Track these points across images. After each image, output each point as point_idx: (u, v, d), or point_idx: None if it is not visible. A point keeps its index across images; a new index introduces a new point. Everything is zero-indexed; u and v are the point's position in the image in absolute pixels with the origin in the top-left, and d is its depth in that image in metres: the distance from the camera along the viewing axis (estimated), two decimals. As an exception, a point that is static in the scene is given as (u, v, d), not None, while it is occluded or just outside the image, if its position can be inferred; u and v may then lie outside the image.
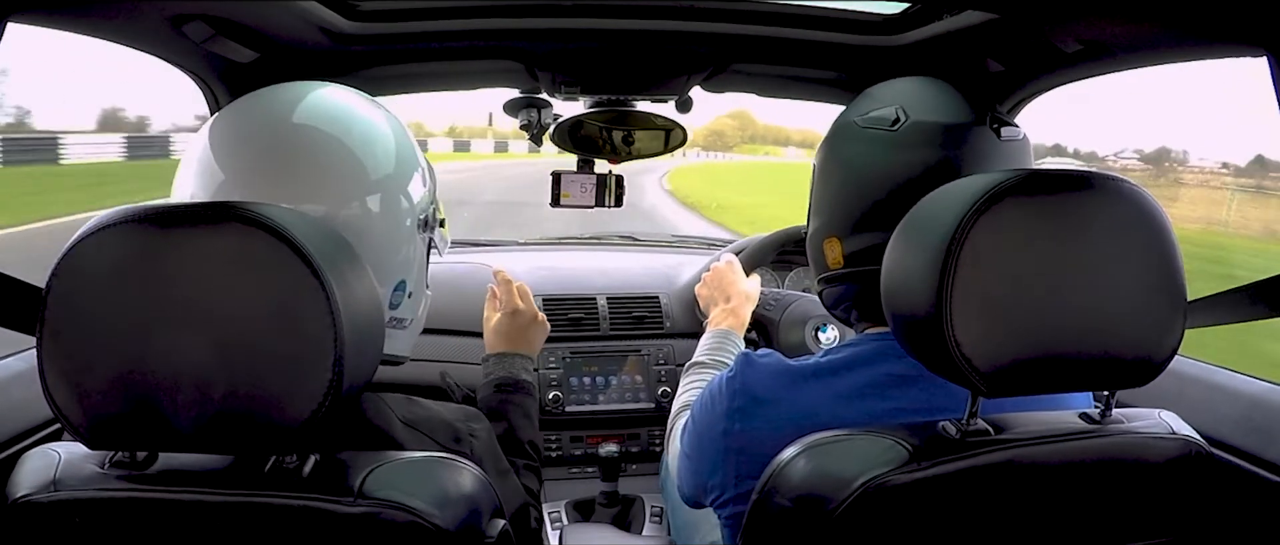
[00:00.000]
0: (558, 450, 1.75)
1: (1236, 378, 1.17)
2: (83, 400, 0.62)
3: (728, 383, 0.88)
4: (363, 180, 0.82)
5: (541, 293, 1.84)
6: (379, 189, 0.83)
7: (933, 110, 0.86)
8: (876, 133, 0.87)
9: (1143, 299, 0.69)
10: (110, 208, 0.64)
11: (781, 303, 1.64)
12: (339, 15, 1.17)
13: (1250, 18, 0.85)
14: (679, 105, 1.40)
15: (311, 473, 0.66)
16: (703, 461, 0.90)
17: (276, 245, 0.60)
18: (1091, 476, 0.75)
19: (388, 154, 0.85)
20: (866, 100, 0.92)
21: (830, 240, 0.91)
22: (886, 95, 0.91)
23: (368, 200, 0.82)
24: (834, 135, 0.93)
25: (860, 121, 0.89)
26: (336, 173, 0.81)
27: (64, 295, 0.61)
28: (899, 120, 0.86)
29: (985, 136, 0.85)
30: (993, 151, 0.84)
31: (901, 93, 0.90)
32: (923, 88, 0.90)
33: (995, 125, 0.85)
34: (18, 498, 0.66)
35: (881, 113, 0.88)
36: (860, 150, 0.88)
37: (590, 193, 1.48)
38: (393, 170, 0.85)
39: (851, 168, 0.89)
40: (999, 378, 0.67)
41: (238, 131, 0.83)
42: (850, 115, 0.92)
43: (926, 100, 0.88)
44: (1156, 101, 60.51)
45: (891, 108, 0.87)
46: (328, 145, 0.81)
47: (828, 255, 0.92)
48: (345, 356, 0.61)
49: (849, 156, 0.90)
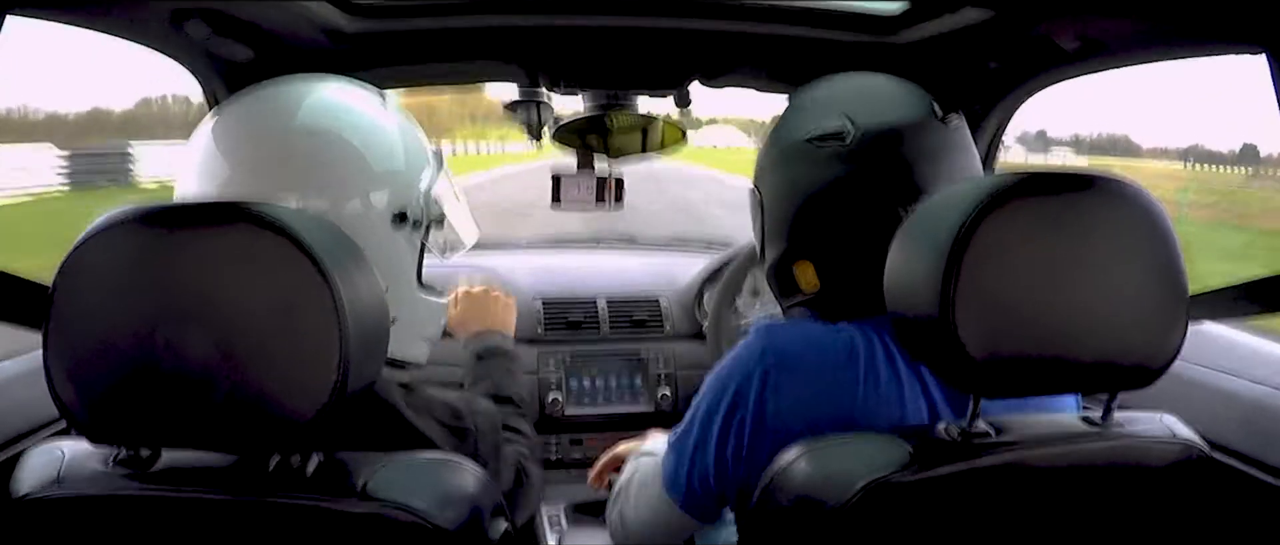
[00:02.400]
0: (557, 453, 1.74)
1: (1238, 381, 1.16)
2: (87, 396, 0.62)
3: (750, 349, 0.82)
4: (366, 175, 0.82)
5: (541, 295, 1.84)
6: (385, 184, 0.83)
7: (879, 112, 0.85)
8: (827, 149, 0.85)
9: (1145, 301, 0.69)
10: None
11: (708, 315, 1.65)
12: (339, 13, 1.18)
13: (1248, 16, 0.85)
14: (678, 103, 1.41)
15: (315, 472, 0.66)
16: (695, 446, 0.85)
17: (283, 244, 0.60)
18: (1092, 480, 0.75)
19: (393, 150, 0.85)
20: (803, 114, 0.90)
21: (801, 265, 0.90)
22: (824, 104, 0.89)
23: (372, 196, 0.82)
24: (782, 158, 0.90)
25: (807, 139, 0.87)
26: (339, 167, 0.81)
27: (70, 292, 0.62)
28: (848, 131, 0.85)
29: (934, 128, 0.85)
30: (944, 141, 0.85)
31: (840, 97, 0.89)
32: (859, 85, 0.89)
33: (940, 115, 0.85)
34: (21, 495, 0.67)
35: (827, 126, 0.86)
36: (814, 171, 0.86)
37: (590, 193, 1.48)
38: (400, 166, 0.85)
39: (807, 189, 0.87)
40: (1002, 379, 0.67)
41: (240, 127, 0.83)
42: (794, 134, 0.89)
43: (870, 100, 0.87)
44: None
45: (836, 119, 0.86)
46: (330, 140, 0.81)
47: (800, 279, 0.91)
48: (350, 356, 0.61)
49: (802, 178, 0.88)
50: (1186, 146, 67.46)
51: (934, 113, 0.85)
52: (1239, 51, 0.92)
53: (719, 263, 1.83)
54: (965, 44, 1.19)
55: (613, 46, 1.31)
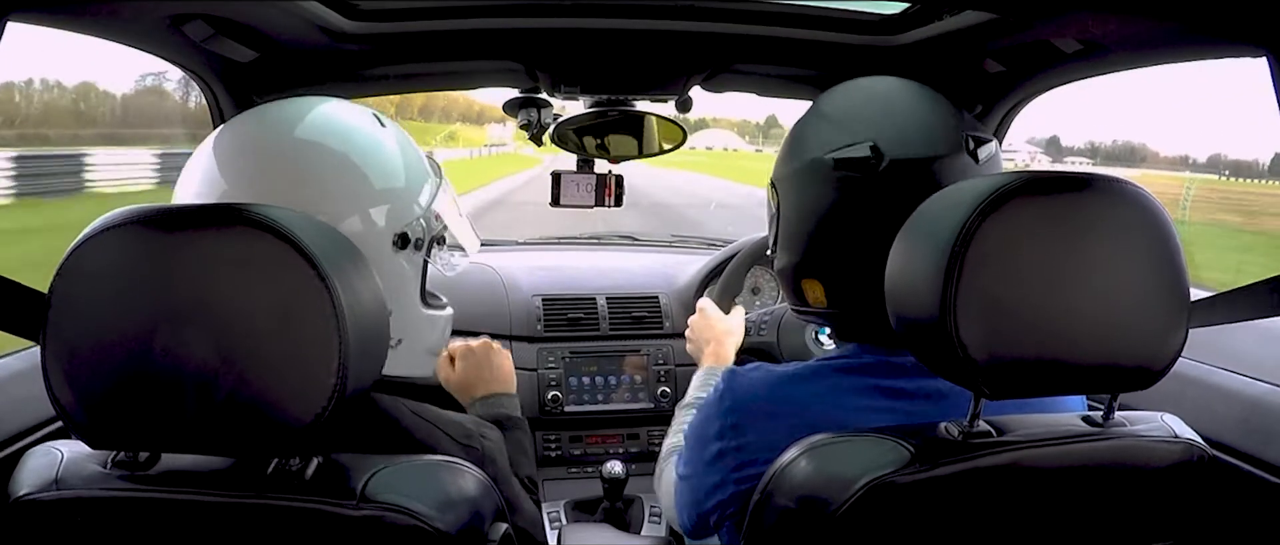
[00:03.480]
0: (557, 450, 1.75)
1: (1236, 379, 1.16)
2: (86, 400, 0.62)
3: (718, 401, 0.87)
4: (366, 193, 0.82)
5: (541, 293, 1.84)
6: (385, 202, 0.83)
7: (910, 142, 0.82)
8: (852, 178, 0.82)
9: (1146, 301, 0.69)
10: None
11: (774, 319, 1.61)
12: (339, 15, 1.17)
13: (1250, 17, 0.85)
14: (678, 105, 1.41)
15: (314, 475, 0.66)
16: (701, 485, 0.89)
17: (282, 247, 0.60)
18: (1093, 479, 0.75)
19: (394, 168, 0.85)
20: (831, 127, 0.87)
21: (810, 282, 0.90)
22: (853, 122, 0.85)
23: (372, 213, 0.82)
24: (802, 172, 0.88)
25: (830, 159, 0.84)
26: (338, 184, 0.81)
27: (68, 295, 0.61)
28: (874, 161, 0.82)
29: (965, 163, 0.82)
30: (974, 174, 0.81)
31: (870, 118, 0.85)
32: (891, 106, 0.86)
33: (972, 148, 0.82)
34: (20, 496, 0.67)
35: (854, 151, 0.82)
36: (835, 195, 0.84)
37: (590, 192, 1.48)
38: (400, 184, 0.85)
39: (827, 211, 0.85)
40: (1002, 379, 0.67)
41: (241, 143, 0.83)
42: (815, 148, 0.86)
43: (900, 125, 0.83)
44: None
45: (863, 144, 0.82)
46: (329, 157, 0.82)
47: (808, 294, 0.91)
48: (349, 359, 0.61)
49: (823, 199, 0.85)
50: (1209, 157, 65.28)
51: (966, 145, 0.82)
52: (1239, 53, 0.92)
53: (719, 261, 1.84)
54: (965, 46, 1.19)
55: (613, 50, 1.31)
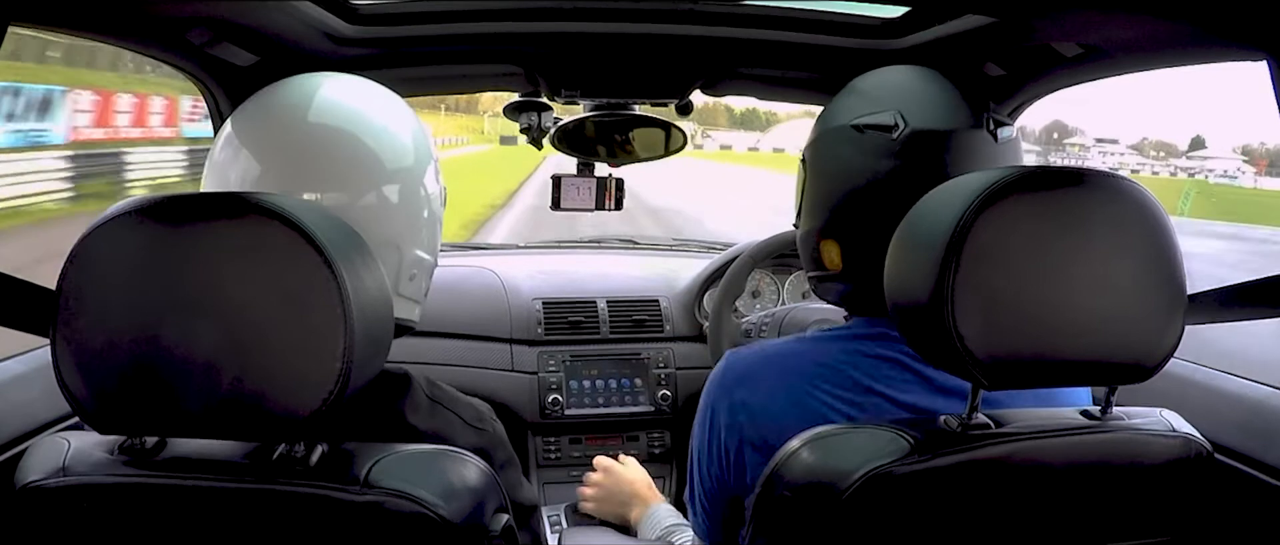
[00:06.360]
0: (557, 454, 1.75)
1: (1238, 382, 1.16)
2: (95, 386, 0.62)
3: (717, 380, 0.89)
4: (380, 170, 0.83)
5: (541, 296, 1.84)
6: (397, 179, 0.84)
7: (932, 115, 0.86)
8: (875, 140, 0.87)
9: (1142, 296, 0.70)
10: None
11: (774, 321, 1.60)
12: (339, 19, 1.18)
13: (1250, 20, 0.85)
14: (679, 109, 1.41)
15: (318, 462, 0.66)
16: (706, 474, 0.91)
17: (290, 235, 0.61)
18: (1092, 472, 0.76)
19: (405, 146, 0.86)
20: (858, 99, 0.91)
21: (827, 243, 0.92)
22: (880, 95, 0.89)
23: (385, 189, 0.83)
24: (827, 137, 0.92)
25: (856, 126, 0.88)
26: (353, 163, 0.82)
27: (78, 283, 0.62)
28: (898, 127, 0.85)
29: (983, 139, 0.85)
30: (991, 153, 0.86)
31: (897, 92, 0.89)
32: (917, 85, 0.90)
33: (992, 128, 0.86)
34: (27, 483, 0.67)
35: (879, 118, 0.87)
36: (858, 158, 0.88)
37: (590, 195, 1.48)
38: (411, 162, 0.86)
39: (848, 174, 0.89)
40: (1000, 371, 0.68)
41: (255, 128, 0.84)
42: (843, 117, 0.90)
43: (924, 101, 0.87)
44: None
45: (889, 112, 0.87)
46: (344, 137, 0.82)
47: (825, 256, 0.93)
48: (355, 347, 0.62)
49: (846, 162, 0.89)
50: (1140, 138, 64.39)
51: (985, 125, 0.86)
52: (1240, 57, 0.92)
53: (719, 264, 1.84)
54: (965, 49, 1.19)
55: (614, 54, 1.31)
